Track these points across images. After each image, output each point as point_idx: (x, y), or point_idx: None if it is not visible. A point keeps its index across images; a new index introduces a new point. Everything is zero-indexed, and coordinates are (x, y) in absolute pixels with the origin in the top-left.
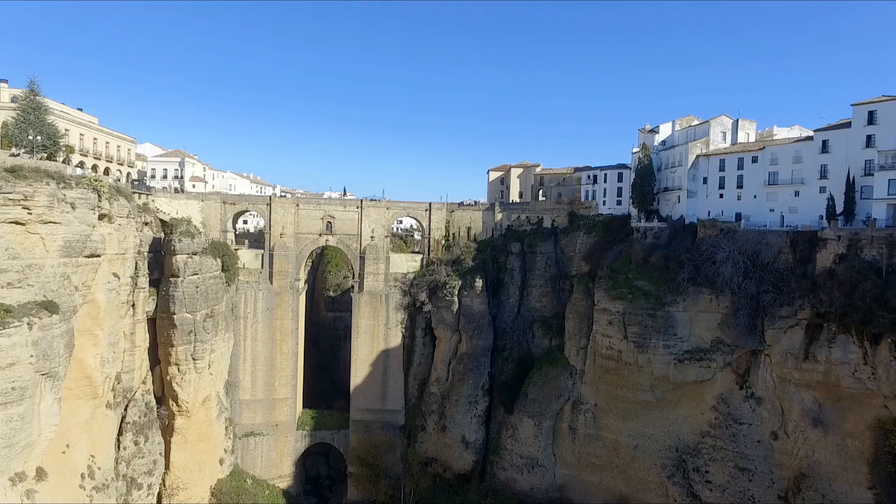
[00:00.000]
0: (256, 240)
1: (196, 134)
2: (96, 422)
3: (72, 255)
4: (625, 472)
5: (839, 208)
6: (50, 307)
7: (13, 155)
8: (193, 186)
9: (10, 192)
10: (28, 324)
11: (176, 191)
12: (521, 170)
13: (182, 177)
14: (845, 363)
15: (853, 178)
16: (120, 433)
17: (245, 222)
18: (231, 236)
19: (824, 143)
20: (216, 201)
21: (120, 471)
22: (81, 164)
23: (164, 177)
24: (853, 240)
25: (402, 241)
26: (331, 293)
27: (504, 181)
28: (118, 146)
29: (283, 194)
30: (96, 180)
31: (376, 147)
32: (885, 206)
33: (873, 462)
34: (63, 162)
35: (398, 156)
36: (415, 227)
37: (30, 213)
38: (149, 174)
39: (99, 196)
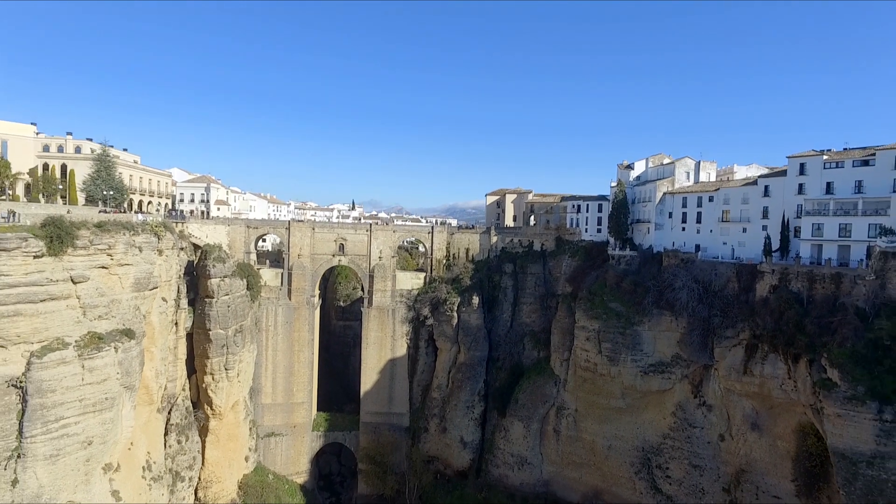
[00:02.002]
0: (275, 258)
1: (209, 149)
2: (151, 424)
3: (140, 289)
4: (600, 469)
5: (775, 245)
6: (128, 333)
7: (102, 211)
8: (218, 209)
9: (99, 244)
10: (115, 348)
11: (202, 213)
12: (514, 195)
13: (208, 201)
14: (774, 377)
15: (787, 219)
16: (166, 433)
17: (263, 240)
18: (253, 257)
19: (766, 188)
20: (241, 226)
21: (167, 465)
22: (130, 202)
23: (192, 200)
24: (784, 273)
25: (407, 252)
26: (341, 303)
27: (500, 204)
28: (158, 181)
29: (298, 216)
30: (156, 226)
31: (386, 158)
32: (810, 246)
33: (796, 459)
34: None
35: (405, 167)
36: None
37: (111, 259)
38: (178, 198)
39: (158, 238)
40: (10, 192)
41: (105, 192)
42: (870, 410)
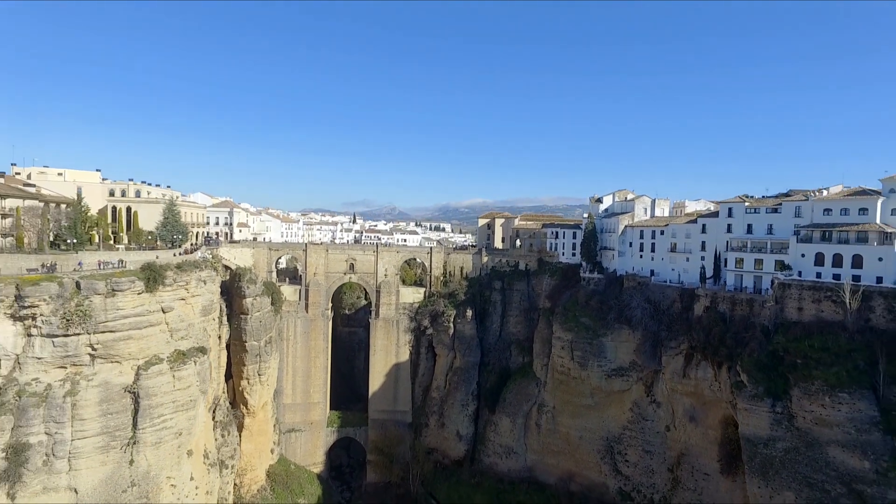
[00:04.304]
0: (292, 275)
1: (209, 164)
2: (206, 421)
3: (206, 314)
4: (573, 456)
5: (709, 273)
6: (202, 350)
7: (177, 254)
8: (240, 231)
9: (180, 281)
10: (194, 361)
11: (226, 235)
12: (503, 220)
13: (231, 223)
14: (705, 380)
15: (719, 252)
16: (213, 428)
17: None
18: (274, 275)
19: (703, 226)
20: (263, 248)
21: (216, 455)
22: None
23: (217, 223)
24: (714, 297)
25: (406, 263)
26: (346, 311)
27: (490, 227)
28: (197, 213)
29: (306, 230)
30: (215, 262)
31: (379, 158)
32: (733, 276)
33: (720, 444)
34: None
35: (398, 166)
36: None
37: (187, 292)
38: (203, 221)
39: (216, 271)
40: (85, 233)
41: (175, 237)
42: (766, 405)
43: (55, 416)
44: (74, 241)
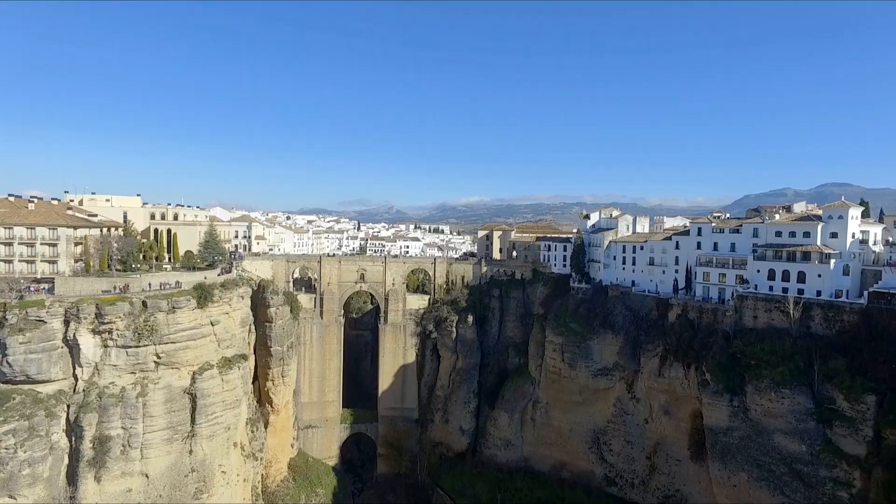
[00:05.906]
0: (306, 284)
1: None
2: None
3: (244, 325)
4: (564, 447)
5: (682, 285)
6: (243, 357)
7: (221, 271)
8: (258, 243)
9: (224, 297)
10: (238, 367)
11: (244, 248)
12: (501, 232)
13: (249, 237)
14: (677, 378)
15: (690, 266)
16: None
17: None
18: (291, 285)
19: (677, 242)
20: (282, 261)
21: (248, 448)
22: None
23: (236, 236)
24: (685, 306)
25: (410, 271)
26: (354, 315)
27: (489, 238)
28: (224, 231)
29: (315, 240)
30: (249, 279)
31: (375, 155)
32: (702, 287)
33: (690, 434)
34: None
35: (395, 164)
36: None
37: (230, 307)
38: (228, 237)
39: (250, 287)
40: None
41: (214, 258)
42: (725, 400)
43: (130, 413)
44: (137, 265)
